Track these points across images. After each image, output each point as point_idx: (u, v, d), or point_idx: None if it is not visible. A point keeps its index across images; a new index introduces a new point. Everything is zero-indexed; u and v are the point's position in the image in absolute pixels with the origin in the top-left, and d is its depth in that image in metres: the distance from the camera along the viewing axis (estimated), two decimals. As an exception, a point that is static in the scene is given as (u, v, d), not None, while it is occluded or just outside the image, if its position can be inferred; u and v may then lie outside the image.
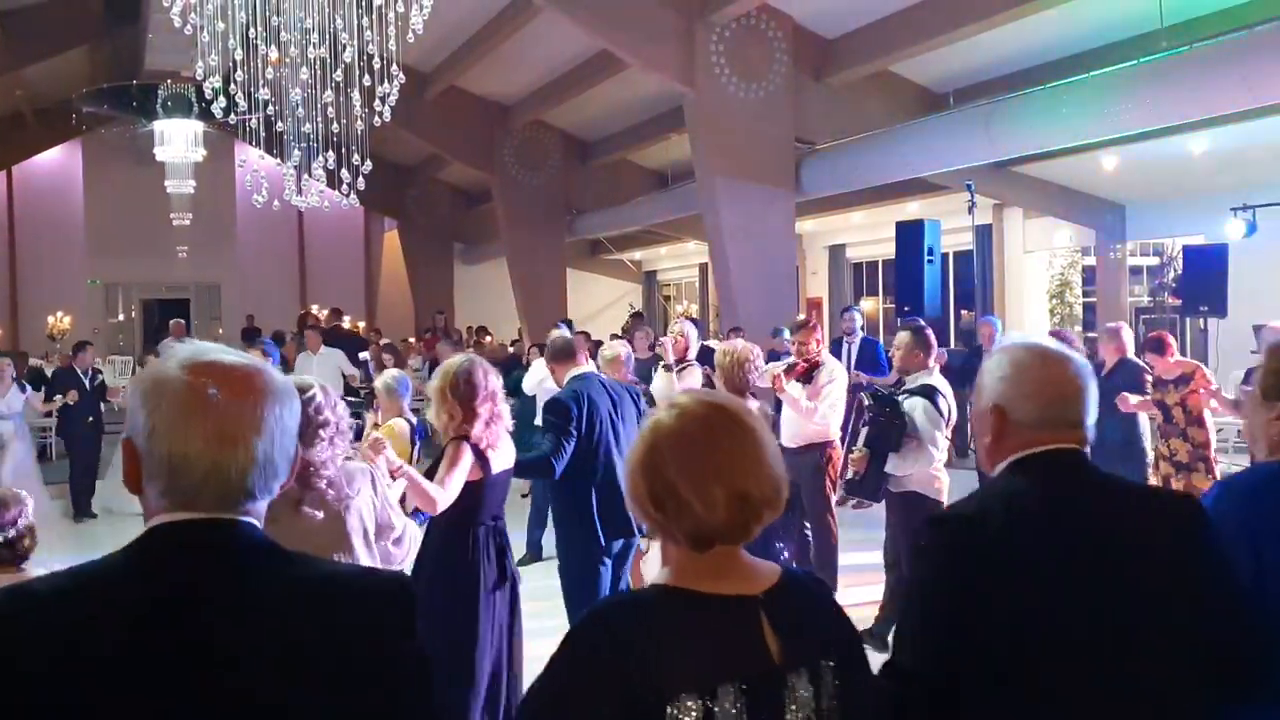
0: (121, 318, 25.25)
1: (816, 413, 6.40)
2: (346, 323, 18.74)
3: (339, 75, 7.21)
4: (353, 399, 10.47)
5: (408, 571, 3.88)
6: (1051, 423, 1.84)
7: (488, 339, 16.29)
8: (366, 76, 7.21)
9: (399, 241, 24.30)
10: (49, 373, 12.52)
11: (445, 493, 3.94)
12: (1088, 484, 1.85)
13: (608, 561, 5.22)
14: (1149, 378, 7.22)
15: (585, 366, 5.50)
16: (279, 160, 9.18)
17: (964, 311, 15.50)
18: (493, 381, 4.17)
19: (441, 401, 4.10)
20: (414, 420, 6.29)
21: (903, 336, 5.73)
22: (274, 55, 7.32)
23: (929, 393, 5.46)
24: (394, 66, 7.14)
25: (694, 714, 1.45)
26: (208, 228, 21.29)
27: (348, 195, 7.87)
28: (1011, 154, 10.86)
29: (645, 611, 1.52)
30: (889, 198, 14.04)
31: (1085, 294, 15.03)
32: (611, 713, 1.45)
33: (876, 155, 11.68)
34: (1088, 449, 1.89)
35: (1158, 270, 14.94)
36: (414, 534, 3.82)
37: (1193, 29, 9.42)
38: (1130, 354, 7.56)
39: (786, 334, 10.88)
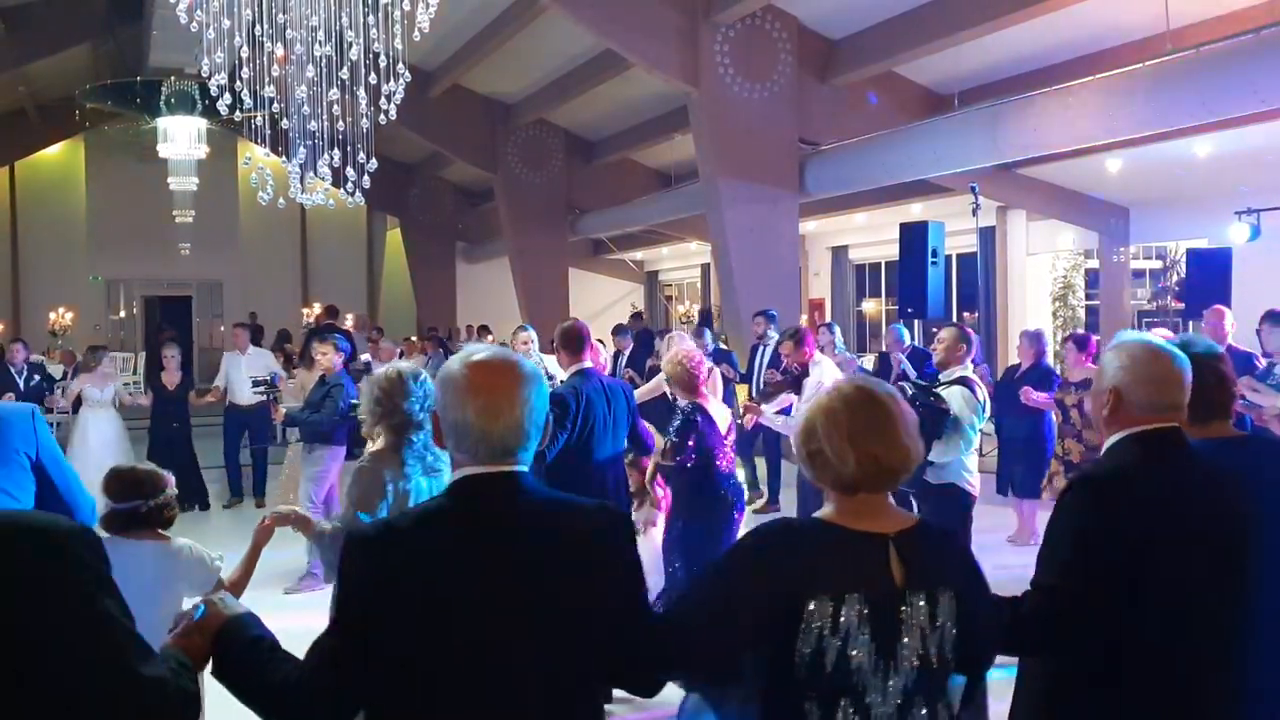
0: (123, 314, 25.25)
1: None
2: (349, 322, 18.72)
3: (344, 73, 7.20)
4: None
5: None
6: (1158, 406, 2.29)
7: (489, 338, 16.28)
8: (372, 74, 7.21)
9: (401, 240, 24.30)
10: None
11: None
12: (1187, 453, 2.32)
13: None
14: (1058, 381, 7.90)
15: (587, 362, 5.53)
16: (284, 158, 9.17)
17: (966, 314, 15.50)
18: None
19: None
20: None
21: (950, 332, 5.91)
22: (280, 53, 7.31)
23: (965, 383, 5.64)
24: (399, 65, 7.14)
25: (822, 612, 1.86)
26: (210, 225, 21.27)
27: (353, 194, 7.86)
28: (1016, 156, 10.85)
29: (795, 534, 2.00)
30: (892, 199, 14.04)
31: (1088, 297, 15.02)
32: (753, 608, 1.89)
33: (880, 156, 11.67)
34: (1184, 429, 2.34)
35: (1160, 273, 14.93)
36: None
37: (1198, 32, 9.42)
38: (1050, 359, 8.44)
39: (708, 336, 11.04)
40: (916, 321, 12.23)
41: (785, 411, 7.24)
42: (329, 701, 1.76)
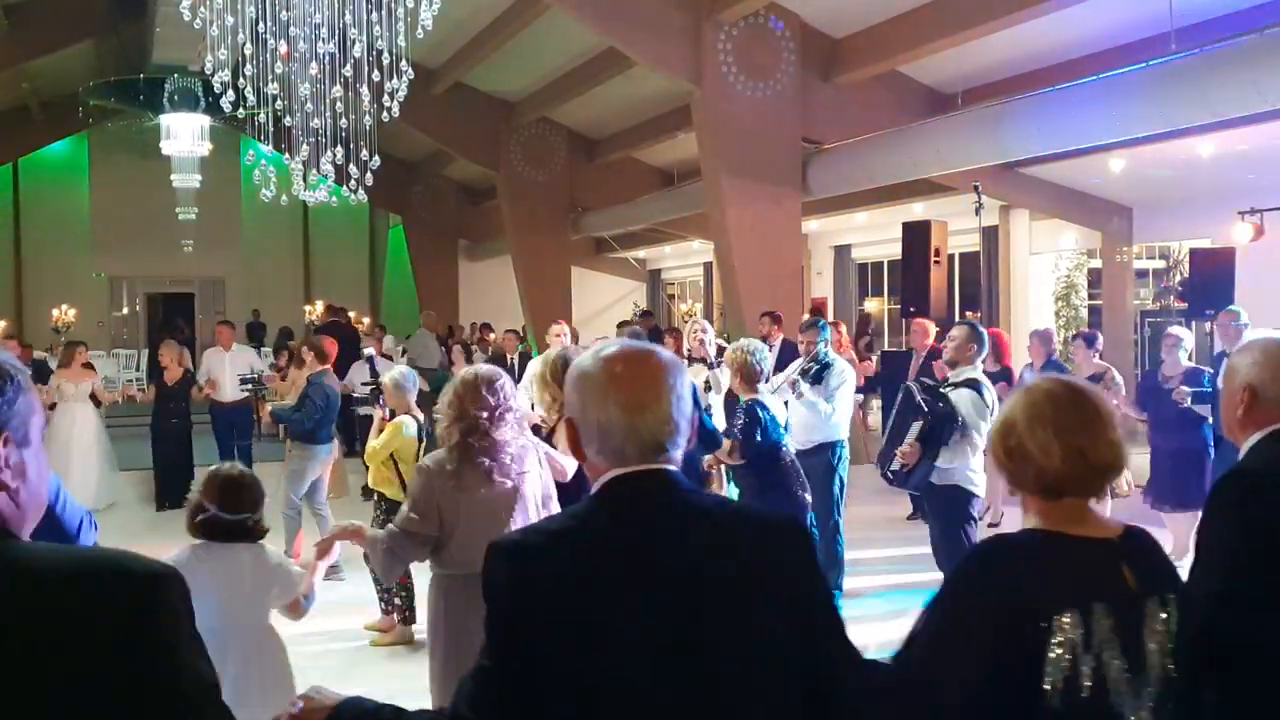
0: (125, 311, 25.27)
1: (834, 415, 6.71)
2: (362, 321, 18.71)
3: (348, 70, 7.20)
4: (358, 396, 10.46)
5: None
6: None
7: (491, 336, 16.29)
8: (375, 72, 7.21)
9: (404, 237, 24.30)
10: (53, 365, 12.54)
11: (572, 460, 4.22)
12: None
13: None
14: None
15: None
16: (287, 155, 9.17)
17: (969, 313, 15.49)
18: None
19: (544, 386, 4.51)
20: (421, 417, 6.27)
21: (962, 330, 5.85)
22: (283, 49, 7.31)
23: (974, 385, 5.56)
24: (403, 62, 7.14)
25: (1072, 627, 1.76)
26: (213, 222, 21.30)
27: (356, 191, 7.86)
28: (1019, 155, 10.83)
29: (1024, 551, 1.88)
30: (895, 198, 14.02)
31: (1091, 296, 15.01)
32: (988, 636, 1.76)
33: (883, 155, 11.65)
34: None
35: (1164, 273, 14.92)
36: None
37: (1202, 31, 9.40)
38: (1057, 356, 8.65)
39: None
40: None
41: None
42: None
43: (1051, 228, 14.55)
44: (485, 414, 3.55)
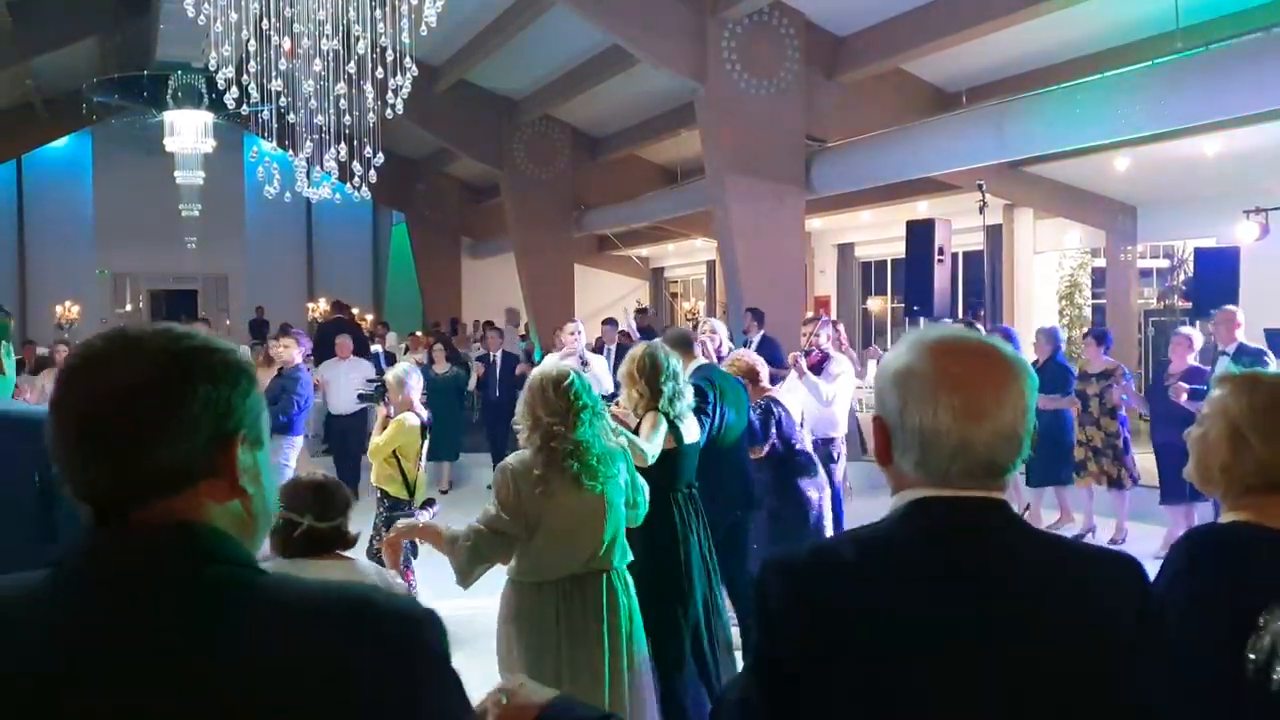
0: (129, 308, 25.28)
1: (834, 402, 6.95)
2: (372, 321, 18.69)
3: (351, 67, 7.19)
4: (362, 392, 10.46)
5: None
6: None
7: (493, 334, 16.24)
8: (378, 69, 7.20)
9: (407, 235, 24.30)
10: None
11: (652, 448, 4.33)
12: None
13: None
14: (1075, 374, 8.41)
15: (701, 359, 5.59)
16: (291, 152, 9.17)
17: (970, 316, 15.47)
18: (674, 362, 4.60)
19: (631, 382, 4.55)
20: (424, 414, 6.27)
21: None
22: (287, 46, 7.30)
23: None
24: (406, 59, 7.13)
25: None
26: (216, 219, 21.28)
27: (359, 188, 7.86)
28: (1023, 154, 10.81)
29: (1244, 548, 1.83)
30: (899, 196, 14.01)
31: (1095, 295, 14.99)
32: (1219, 628, 1.71)
33: (887, 154, 11.63)
34: None
35: (1168, 272, 14.89)
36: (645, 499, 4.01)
37: (1208, 30, 9.37)
38: (1062, 354, 8.82)
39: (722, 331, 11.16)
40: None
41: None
42: None
43: (1056, 226, 14.53)
44: (558, 417, 3.52)
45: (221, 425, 1.11)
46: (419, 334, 16.69)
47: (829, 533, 5.87)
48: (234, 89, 7.32)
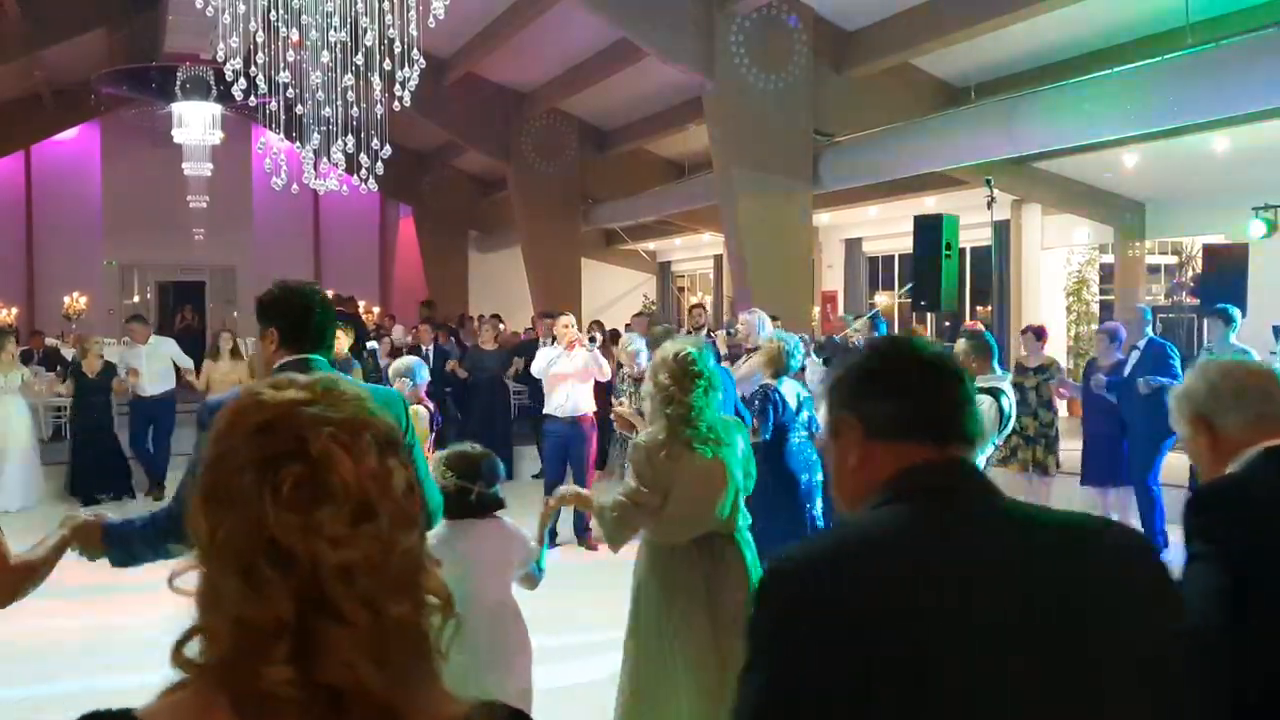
0: (137, 299, 25.32)
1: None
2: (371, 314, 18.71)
3: (359, 59, 7.20)
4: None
5: None
6: None
7: (501, 326, 16.26)
8: (386, 61, 7.20)
9: (414, 228, 24.29)
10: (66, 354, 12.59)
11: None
12: None
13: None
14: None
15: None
16: (298, 144, 9.17)
17: (979, 308, 15.44)
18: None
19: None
20: (431, 407, 6.29)
21: (961, 345, 5.85)
22: (295, 38, 7.31)
23: (994, 393, 5.46)
24: (414, 51, 7.13)
25: None
26: (224, 211, 21.29)
27: (366, 180, 7.87)
28: (1032, 149, 10.78)
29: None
30: (907, 192, 13.97)
31: (1102, 292, 14.94)
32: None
33: (895, 149, 11.61)
34: None
35: (1176, 269, 14.85)
36: None
37: (1219, 26, 9.33)
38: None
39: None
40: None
41: None
42: None
43: (1064, 222, 14.48)
44: (675, 382, 3.77)
45: None
46: (422, 327, 16.69)
47: (818, 509, 6.07)
48: (242, 81, 7.33)
